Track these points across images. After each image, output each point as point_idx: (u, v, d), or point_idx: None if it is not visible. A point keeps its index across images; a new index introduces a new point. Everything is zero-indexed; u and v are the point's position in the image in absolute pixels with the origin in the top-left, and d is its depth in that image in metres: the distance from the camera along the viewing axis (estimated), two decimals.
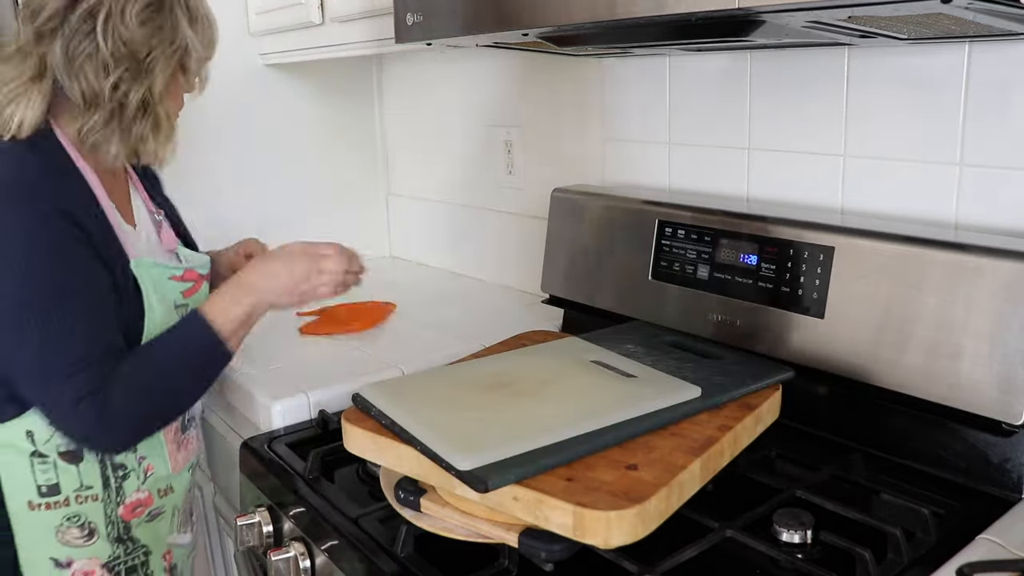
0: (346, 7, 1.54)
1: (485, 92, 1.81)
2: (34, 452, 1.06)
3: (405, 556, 0.85)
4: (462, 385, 0.97)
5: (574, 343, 1.12)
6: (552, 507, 0.74)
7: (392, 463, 0.87)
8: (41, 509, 1.07)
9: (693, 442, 0.85)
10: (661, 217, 1.25)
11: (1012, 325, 0.87)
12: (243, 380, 1.33)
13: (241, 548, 1.12)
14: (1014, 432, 0.89)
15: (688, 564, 0.80)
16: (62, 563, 1.10)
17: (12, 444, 1.06)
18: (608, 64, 1.47)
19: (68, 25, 1.01)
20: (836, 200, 1.16)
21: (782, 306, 1.08)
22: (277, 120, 2.00)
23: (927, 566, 0.79)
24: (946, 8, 0.70)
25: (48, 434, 1.06)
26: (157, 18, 1.05)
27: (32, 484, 1.07)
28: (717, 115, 1.30)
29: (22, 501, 1.07)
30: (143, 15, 1.03)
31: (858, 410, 1.03)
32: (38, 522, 1.08)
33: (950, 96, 1.02)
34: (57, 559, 1.09)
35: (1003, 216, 0.99)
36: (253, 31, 1.89)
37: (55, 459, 1.07)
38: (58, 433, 1.05)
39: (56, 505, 1.08)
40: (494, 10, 0.97)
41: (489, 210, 1.86)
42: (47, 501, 1.07)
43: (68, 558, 1.10)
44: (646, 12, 0.80)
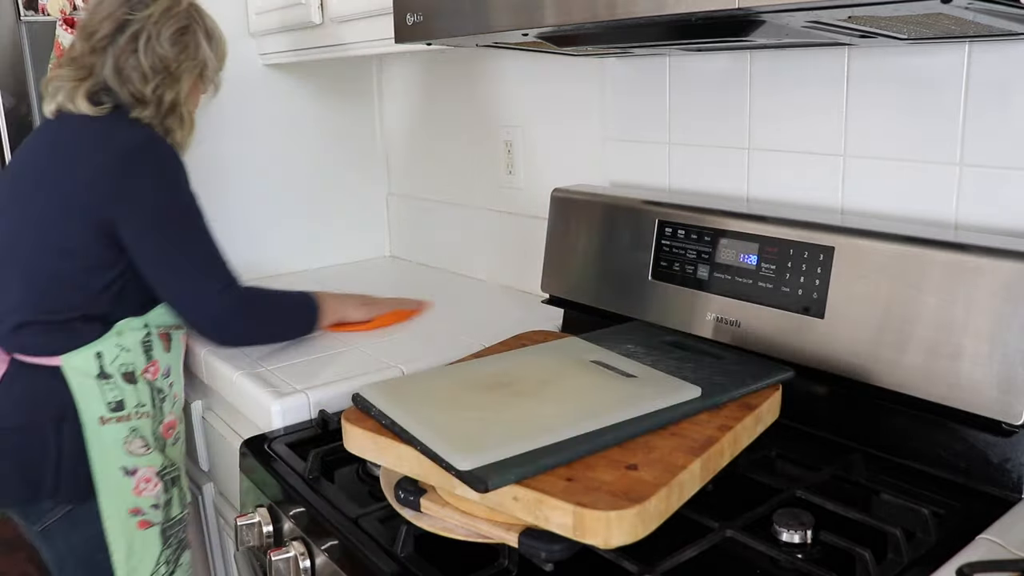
0: (346, 7, 1.54)
1: (485, 92, 1.81)
2: (100, 373, 1.29)
3: (405, 556, 0.85)
4: (462, 385, 0.97)
5: (574, 343, 1.12)
6: (552, 507, 0.74)
7: (392, 463, 0.87)
8: (112, 423, 1.30)
9: (693, 442, 0.85)
10: (661, 217, 1.25)
11: (1012, 325, 0.87)
12: (243, 380, 1.33)
13: (241, 548, 1.12)
14: (1014, 432, 0.89)
15: (688, 564, 0.80)
16: (129, 471, 1.31)
17: (83, 369, 1.28)
18: (608, 64, 1.47)
19: (116, 45, 1.32)
20: (836, 200, 1.16)
21: (782, 306, 1.08)
22: (277, 120, 2.01)
23: (927, 566, 0.79)
24: (946, 8, 0.70)
25: (114, 355, 1.30)
26: (183, 39, 1.37)
27: (102, 401, 1.29)
28: (717, 115, 1.30)
29: (95, 417, 1.28)
30: (173, 37, 1.35)
31: (858, 410, 1.03)
32: (109, 435, 1.29)
33: (950, 96, 1.02)
34: (125, 467, 1.31)
35: (1003, 216, 0.99)
36: (253, 31, 1.90)
37: (118, 379, 1.30)
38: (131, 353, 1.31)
39: (122, 419, 1.30)
40: (494, 10, 0.97)
41: (489, 210, 1.86)
42: (116, 416, 1.30)
43: (134, 466, 1.31)
44: (646, 12, 0.80)
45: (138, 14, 1.33)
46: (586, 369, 1.01)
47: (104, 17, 1.33)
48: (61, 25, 1.85)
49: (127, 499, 1.31)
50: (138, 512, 1.32)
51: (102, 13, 1.33)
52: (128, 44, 1.32)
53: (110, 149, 1.28)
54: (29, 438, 1.27)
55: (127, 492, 1.31)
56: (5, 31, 2.01)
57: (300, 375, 1.32)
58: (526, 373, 1.00)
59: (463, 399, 0.93)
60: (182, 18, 1.37)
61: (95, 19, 1.34)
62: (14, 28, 2.00)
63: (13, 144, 2.10)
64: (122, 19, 1.33)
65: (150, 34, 1.33)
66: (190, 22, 1.38)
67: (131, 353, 1.33)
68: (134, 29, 1.33)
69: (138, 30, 1.33)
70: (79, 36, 1.35)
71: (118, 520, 1.31)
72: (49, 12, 2.04)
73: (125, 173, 1.27)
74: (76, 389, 1.28)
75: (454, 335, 1.51)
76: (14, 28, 2.00)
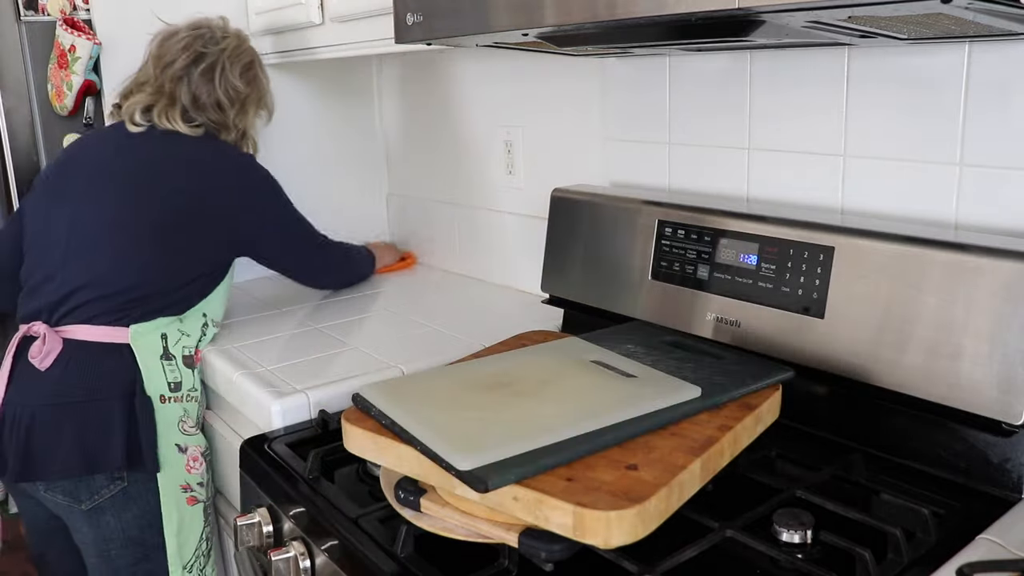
0: (346, 7, 1.54)
1: (485, 92, 1.81)
2: (164, 354, 1.39)
3: (405, 556, 0.85)
4: (462, 385, 0.97)
5: (574, 343, 1.12)
6: (552, 507, 0.74)
7: (392, 463, 0.87)
8: (170, 402, 1.39)
9: (693, 442, 0.85)
10: (661, 217, 1.25)
11: (1012, 325, 0.87)
12: (243, 380, 1.33)
13: (241, 548, 1.12)
14: (1014, 432, 0.89)
15: (688, 564, 0.80)
16: (182, 448, 1.40)
17: (149, 345, 1.38)
18: (608, 64, 1.47)
19: (192, 76, 1.50)
20: (836, 200, 1.16)
21: (782, 306, 1.08)
22: (277, 120, 2.00)
23: (927, 566, 0.79)
24: (946, 8, 0.70)
25: (176, 338, 1.41)
26: (250, 73, 1.57)
27: (164, 380, 1.38)
28: (717, 115, 1.30)
29: (158, 395, 1.37)
30: (242, 71, 1.55)
31: (858, 410, 1.03)
32: (169, 413, 1.38)
33: (950, 96, 1.02)
34: (179, 444, 1.39)
35: (1003, 216, 0.99)
36: (253, 31, 1.89)
37: (178, 360, 1.41)
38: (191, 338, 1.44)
39: (178, 400, 1.39)
40: (494, 10, 0.97)
41: (489, 210, 1.86)
42: (174, 395, 1.39)
43: (185, 444, 1.40)
44: (646, 12, 0.80)
45: (212, 48, 1.51)
46: (586, 369, 1.01)
47: (180, 49, 1.49)
48: (61, 25, 1.85)
49: (180, 475, 1.40)
50: (188, 488, 1.41)
51: (178, 46, 1.50)
52: (204, 76, 1.50)
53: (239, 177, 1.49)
54: (92, 413, 1.33)
55: (180, 468, 1.40)
56: (5, 31, 2.00)
57: (300, 375, 1.32)
58: (526, 373, 1.00)
59: (463, 399, 0.93)
60: (249, 55, 1.58)
61: (171, 51, 1.50)
62: (14, 28, 2.00)
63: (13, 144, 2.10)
64: (198, 52, 1.50)
65: (224, 67, 1.51)
66: (254, 58, 1.59)
67: (190, 339, 1.44)
68: (209, 62, 1.50)
69: (213, 62, 1.51)
70: (152, 65, 1.51)
71: (172, 495, 1.39)
72: (49, 12, 2.04)
73: (250, 206, 1.50)
74: (143, 365, 1.37)
75: (454, 335, 1.51)
76: (14, 28, 2.00)
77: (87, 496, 1.35)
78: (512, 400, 0.92)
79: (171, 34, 1.52)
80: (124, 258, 1.39)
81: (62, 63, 1.87)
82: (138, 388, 1.36)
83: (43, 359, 1.35)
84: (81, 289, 1.38)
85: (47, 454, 1.32)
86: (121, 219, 1.40)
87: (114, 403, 1.34)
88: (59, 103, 1.93)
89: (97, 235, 1.40)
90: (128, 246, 1.39)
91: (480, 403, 0.92)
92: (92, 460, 1.32)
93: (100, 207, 1.41)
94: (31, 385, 1.35)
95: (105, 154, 1.47)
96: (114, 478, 1.35)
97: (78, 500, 1.35)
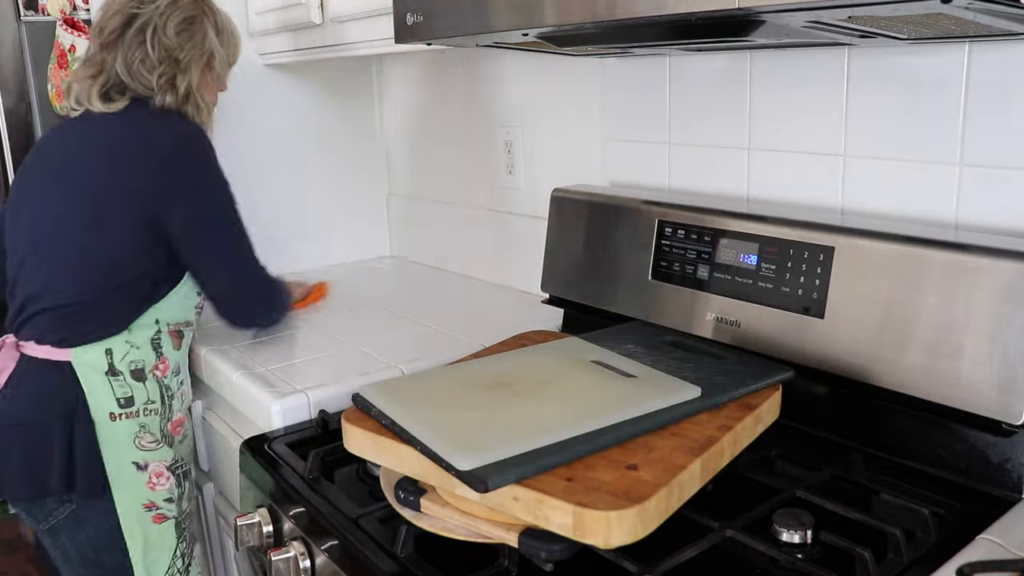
0: (346, 7, 1.54)
1: (485, 92, 1.81)
2: (108, 370, 1.30)
3: (405, 556, 0.85)
4: (462, 385, 0.97)
5: (574, 343, 1.12)
6: (552, 507, 0.74)
7: (392, 463, 0.87)
8: (121, 419, 1.31)
9: (693, 442, 0.85)
10: (661, 217, 1.25)
11: (1012, 325, 0.87)
12: (243, 380, 1.33)
13: (241, 548, 1.12)
14: (1014, 432, 0.89)
15: (688, 564, 0.80)
16: (141, 466, 1.32)
17: (93, 365, 1.29)
18: (608, 64, 1.47)
19: (125, 39, 1.35)
20: (836, 200, 1.16)
21: (782, 306, 1.08)
22: (277, 120, 2.00)
23: (927, 566, 0.79)
24: (946, 8, 0.70)
25: (123, 351, 1.32)
26: (190, 28, 1.39)
27: (112, 397, 1.30)
28: (717, 115, 1.30)
29: (105, 413, 1.30)
30: (179, 27, 1.38)
31: (858, 410, 1.03)
32: (121, 430, 1.31)
33: (950, 96, 1.02)
34: (137, 462, 1.32)
35: (1003, 216, 0.99)
36: (253, 31, 1.89)
37: (126, 376, 1.32)
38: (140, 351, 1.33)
39: (131, 415, 1.31)
40: (494, 10, 0.97)
41: (489, 210, 1.86)
42: (125, 411, 1.31)
43: (145, 461, 1.33)
44: (646, 12, 0.80)
45: (146, 7, 1.36)
46: (586, 369, 1.01)
47: (113, 13, 1.36)
48: (61, 25, 1.85)
49: (141, 493, 1.33)
50: (152, 507, 1.34)
51: (112, 10, 1.37)
52: (136, 37, 1.35)
53: (152, 148, 1.33)
54: (36, 434, 1.28)
55: (141, 487, 1.32)
56: (5, 31, 2.01)
57: (300, 375, 1.32)
58: (526, 373, 1.00)
59: (463, 399, 0.93)
60: (188, 9, 1.39)
61: (105, 16, 1.37)
62: (14, 28, 2.00)
63: (13, 144, 2.10)
64: (130, 13, 1.36)
65: (156, 25, 1.35)
66: (197, 13, 1.41)
67: (140, 350, 1.34)
68: (141, 22, 1.35)
69: (145, 22, 1.35)
70: (92, 35, 1.39)
71: (134, 515, 1.32)
72: (49, 12, 2.04)
73: (175, 174, 1.32)
74: (86, 385, 1.29)
75: (454, 335, 1.51)
76: (14, 28, 2.00)
77: (42, 517, 1.32)
78: (512, 400, 0.92)
79: (110, 1, 1.38)
80: (61, 266, 1.30)
81: (62, 63, 1.87)
82: (79, 408, 1.28)
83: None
84: (32, 299, 1.31)
85: (3, 475, 1.29)
86: (56, 220, 1.32)
87: (53, 424, 1.27)
88: (59, 103, 1.93)
89: (40, 239, 1.32)
90: (61, 250, 1.31)
91: (480, 403, 0.92)
92: (40, 483, 1.28)
93: (43, 209, 1.34)
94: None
95: (53, 146, 1.40)
96: (63, 500, 1.30)
97: (36, 520, 1.32)
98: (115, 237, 1.30)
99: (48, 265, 1.31)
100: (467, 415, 0.88)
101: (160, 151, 1.33)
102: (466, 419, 0.87)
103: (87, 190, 1.31)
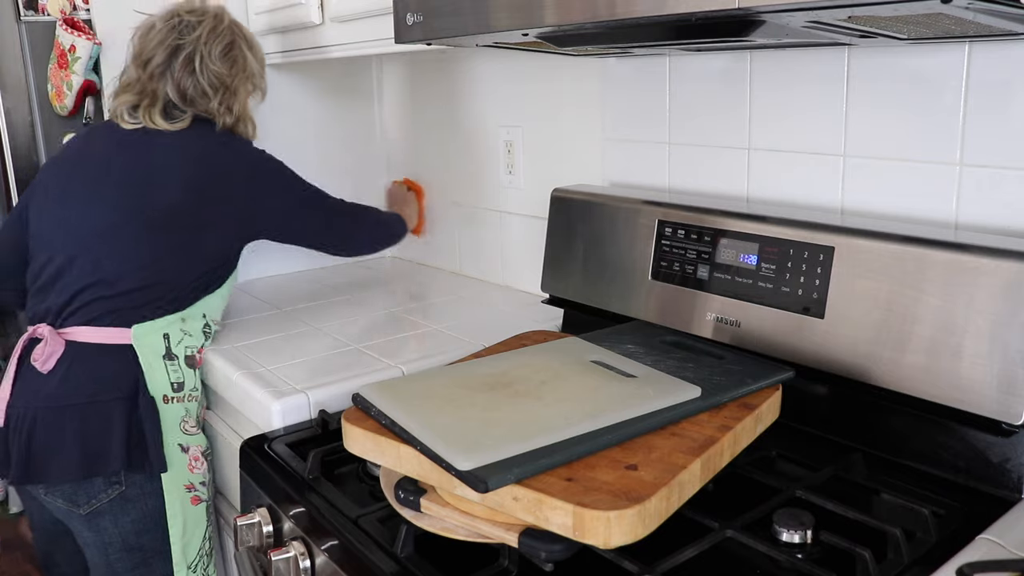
0: (346, 7, 1.54)
1: (485, 92, 1.81)
2: (166, 354, 1.39)
3: (405, 556, 0.85)
4: (462, 385, 0.97)
5: (574, 343, 1.12)
6: (552, 507, 0.74)
7: (392, 463, 0.87)
8: (173, 402, 1.39)
9: (693, 442, 0.85)
10: (661, 217, 1.25)
11: (1012, 325, 0.87)
12: (243, 380, 1.33)
13: (241, 548, 1.12)
14: (1014, 432, 0.89)
15: (688, 564, 0.80)
16: (184, 448, 1.40)
17: (153, 347, 1.38)
18: (608, 64, 1.47)
19: (173, 70, 1.45)
20: (836, 200, 1.16)
21: (782, 306, 1.08)
22: (277, 120, 2.00)
23: (927, 566, 0.79)
24: (946, 8, 0.70)
25: (179, 338, 1.40)
26: (231, 54, 1.50)
27: (168, 381, 1.38)
28: (717, 115, 1.30)
29: (160, 396, 1.37)
30: (222, 54, 1.48)
31: (858, 410, 1.03)
32: (171, 413, 1.38)
33: (950, 96, 1.02)
34: (181, 444, 1.39)
35: (1003, 216, 0.99)
36: (253, 31, 1.89)
37: (180, 361, 1.40)
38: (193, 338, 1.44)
39: (180, 400, 1.40)
40: (494, 10, 0.97)
41: (489, 210, 1.86)
42: (176, 396, 1.39)
43: (187, 444, 1.40)
44: (646, 12, 0.80)
45: (187, 37, 1.46)
46: (586, 369, 1.01)
47: (156, 45, 1.45)
48: (61, 25, 1.85)
49: (183, 474, 1.39)
50: (192, 488, 1.41)
51: (154, 41, 1.46)
52: (184, 67, 1.45)
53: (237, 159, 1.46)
54: (93, 415, 1.32)
55: (184, 468, 1.39)
56: (5, 31, 2.01)
57: (300, 375, 1.32)
58: (526, 373, 1.00)
59: (463, 399, 0.93)
60: (227, 35, 1.50)
61: (148, 47, 1.46)
62: (14, 28, 2.00)
63: (13, 144, 2.10)
64: (174, 45, 1.45)
65: (202, 54, 1.46)
66: (234, 37, 1.51)
67: (192, 338, 1.43)
68: (187, 52, 1.45)
69: (191, 52, 1.46)
70: (134, 64, 1.48)
71: (177, 495, 1.38)
72: (49, 12, 2.04)
73: (254, 188, 1.46)
74: (146, 367, 1.36)
75: (454, 335, 1.51)
76: (14, 28, 2.00)
77: (84, 500, 1.35)
78: (512, 400, 0.92)
79: (148, 28, 1.49)
80: (127, 258, 1.38)
81: (62, 63, 1.87)
82: (141, 388, 1.35)
83: (45, 361, 1.34)
84: (86, 289, 1.37)
85: (48, 457, 1.32)
86: (122, 218, 1.39)
87: (116, 404, 1.33)
88: (59, 103, 1.93)
89: (100, 235, 1.39)
90: (130, 245, 1.38)
91: (480, 403, 0.92)
92: (91, 463, 1.32)
93: (102, 207, 1.41)
94: (34, 388, 1.35)
95: (104, 153, 1.46)
96: (111, 482, 1.34)
97: (76, 504, 1.35)
98: (192, 240, 1.41)
99: (111, 260, 1.37)
100: (467, 415, 0.88)
101: (244, 163, 1.46)
102: (466, 419, 0.87)
103: (165, 194, 1.39)
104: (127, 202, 1.40)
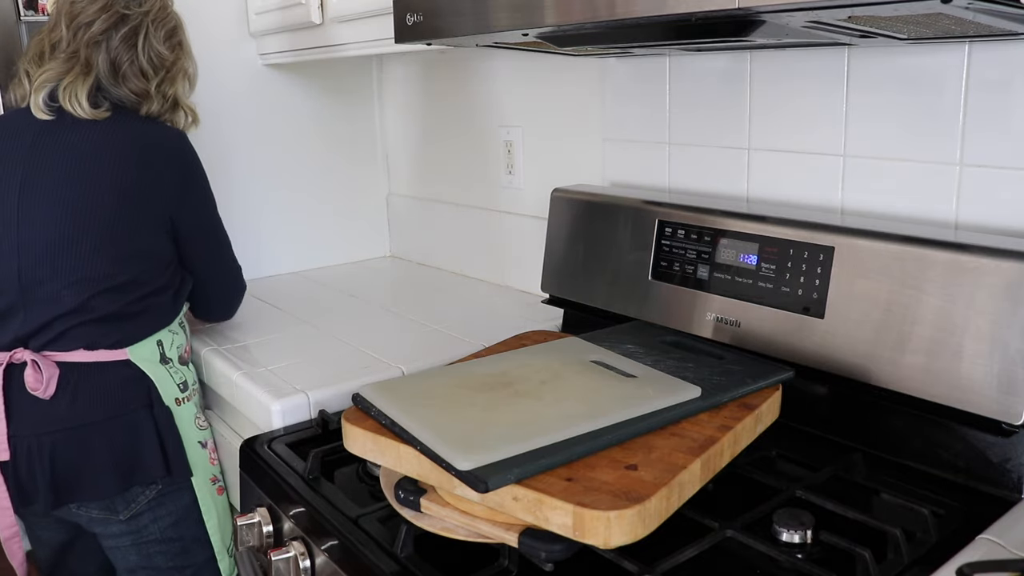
0: (346, 7, 1.54)
1: (485, 92, 1.81)
2: (161, 359, 1.35)
3: (405, 556, 0.85)
4: (462, 385, 0.97)
5: (574, 343, 1.12)
6: (552, 507, 0.74)
7: (392, 463, 0.88)
8: (184, 403, 1.36)
9: (693, 442, 0.85)
10: (661, 217, 1.25)
11: (1012, 325, 0.87)
12: (243, 380, 1.33)
13: (241, 548, 1.12)
14: (1014, 432, 0.89)
15: (688, 564, 0.80)
16: (203, 444, 1.39)
17: (149, 358, 1.33)
18: (608, 64, 1.47)
19: (112, 40, 1.33)
20: (836, 200, 1.16)
21: (782, 306, 1.08)
22: (277, 120, 2.00)
23: (927, 566, 0.79)
24: (946, 8, 0.70)
25: (170, 340, 1.37)
26: (174, 38, 1.41)
27: (174, 384, 1.35)
28: (717, 115, 1.30)
29: (172, 399, 1.34)
30: (167, 36, 1.39)
31: (858, 410, 1.03)
32: (185, 413, 1.36)
33: (950, 96, 1.02)
34: (200, 441, 1.38)
35: (1003, 216, 0.99)
36: (253, 31, 1.90)
37: (175, 362, 1.38)
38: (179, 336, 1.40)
39: (188, 398, 1.38)
40: (494, 10, 0.97)
41: (489, 210, 1.86)
42: (184, 395, 1.37)
43: (204, 439, 1.39)
44: (646, 12, 0.80)
45: (135, 10, 1.34)
46: (586, 369, 1.01)
47: (99, 10, 1.32)
48: None
49: (208, 469, 1.39)
50: (216, 480, 1.41)
51: (96, 4, 1.32)
52: (126, 40, 1.33)
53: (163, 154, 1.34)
54: (120, 428, 1.28)
55: (206, 463, 1.39)
56: (5, 31, 2.01)
57: (300, 375, 1.32)
58: (526, 373, 1.00)
59: (463, 399, 0.93)
60: (173, 19, 1.41)
61: (89, 10, 1.32)
62: (14, 28, 2.00)
63: None
64: (120, 13, 1.33)
65: (148, 30, 1.35)
66: (178, 24, 1.43)
67: (178, 336, 1.40)
68: (132, 25, 1.34)
69: (136, 26, 1.34)
70: (66, 25, 1.32)
71: (206, 491, 1.39)
72: (49, 12, 2.04)
73: (184, 178, 1.37)
74: (152, 376, 1.33)
75: (454, 335, 1.51)
76: (14, 28, 2.00)
77: (123, 507, 1.31)
78: (512, 400, 0.92)
79: None
80: (89, 281, 1.27)
81: None
82: (155, 400, 1.31)
83: (46, 388, 1.25)
84: (61, 318, 1.27)
85: (78, 477, 1.27)
86: (68, 238, 1.26)
87: (135, 416, 1.29)
88: None
89: (50, 260, 1.26)
90: (83, 267, 1.26)
91: (480, 403, 0.92)
92: (128, 474, 1.28)
93: (43, 227, 1.27)
94: (38, 414, 1.26)
95: (23, 157, 1.29)
96: (148, 484, 1.32)
97: (115, 512, 1.31)
98: (151, 241, 1.32)
99: (72, 287, 1.26)
100: (467, 415, 0.88)
101: (171, 156, 1.35)
102: (466, 419, 0.87)
103: (103, 200, 1.27)
104: (67, 220, 1.26)
